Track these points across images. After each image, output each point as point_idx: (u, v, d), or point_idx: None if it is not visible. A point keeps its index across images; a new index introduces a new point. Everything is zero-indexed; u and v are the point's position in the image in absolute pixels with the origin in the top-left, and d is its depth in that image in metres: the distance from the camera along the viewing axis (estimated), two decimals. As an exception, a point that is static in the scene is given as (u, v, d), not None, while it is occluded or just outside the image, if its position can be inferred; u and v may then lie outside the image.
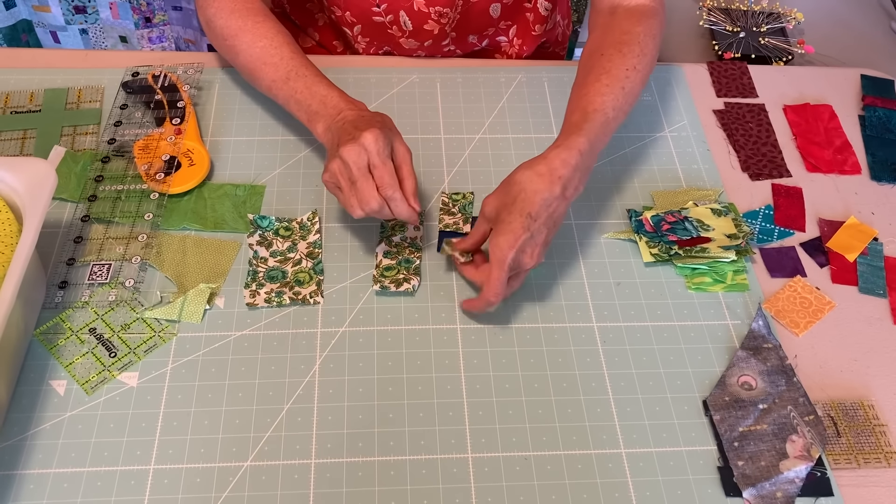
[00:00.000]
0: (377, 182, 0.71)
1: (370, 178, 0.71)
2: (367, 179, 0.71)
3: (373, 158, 0.71)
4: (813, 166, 0.92)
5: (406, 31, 0.97)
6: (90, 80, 0.93)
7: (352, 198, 0.72)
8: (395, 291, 0.77)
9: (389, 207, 0.72)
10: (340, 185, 0.73)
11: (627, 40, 0.83)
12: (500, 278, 0.71)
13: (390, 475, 0.66)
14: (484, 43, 1.03)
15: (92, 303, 0.74)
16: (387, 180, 0.71)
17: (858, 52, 1.19)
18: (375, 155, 0.71)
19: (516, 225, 0.71)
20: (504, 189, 0.73)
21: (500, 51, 1.06)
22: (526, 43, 1.05)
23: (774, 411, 0.71)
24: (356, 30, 0.98)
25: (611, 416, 0.71)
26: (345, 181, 0.72)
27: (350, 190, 0.72)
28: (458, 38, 1.00)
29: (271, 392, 0.70)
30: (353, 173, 0.71)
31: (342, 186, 0.73)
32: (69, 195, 0.82)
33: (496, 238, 0.71)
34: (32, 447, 0.66)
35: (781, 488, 0.67)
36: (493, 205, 0.74)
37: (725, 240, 0.82)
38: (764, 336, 0.76)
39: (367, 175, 0.71)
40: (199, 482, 0.65)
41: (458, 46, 1.01)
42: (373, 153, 0.71)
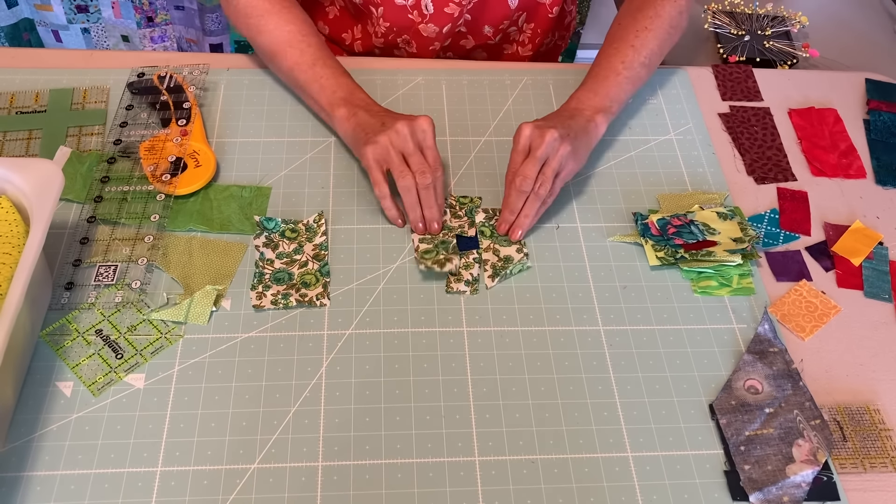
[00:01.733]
0: (431, 162, 0.78)
1: (422, 155, 0.78)
2: (420, 155, 0.78)
3: (428, 140, 0.78)
4: (818, 170, 0.93)
5: (427, 16, 0.98)
6: (95, 81, 0.93)
7: (405, 169, 0.77)
8: (440, 272, 0.78)
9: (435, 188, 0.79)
10: (389, 159, 0.78)
11: (644, 6, 0.92)
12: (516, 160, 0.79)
13: (397, 478, 0.66)
14: (497, 38, 1.03)
15: (98, 304, 0.74)
16: (438, 161, 0.78)
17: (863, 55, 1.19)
18: (431, 137, 0.77)
19: (541, 121, 0.81)
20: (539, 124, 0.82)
21: (511, 40, 1.06)
22: (540, 26, 1.06)
23: (781, 415, 0.71)
24: (379, 11, 0.99)
25: (617, 419, 0.71)
26: (396, 154, 0.77)
27: (401, 164, 0.77)
28: (473, 25, 1.01)
29: (278, 394, 0.70)
30: (409, 147, 0.77)
31: (392, 160, 0.78)
32: (75, 196, 0.82)
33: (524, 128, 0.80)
34: (39, 449, 0.66)
35: (788, 492, 0.67)
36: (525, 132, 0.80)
37: (731, 243, 0.82)
38: (770, 340, 0.76)
39: (419, 152, 0.78)
40: (206, 484, 0.65)
41: (471, 34, 1.02)
42: (429, 135, 0.78)
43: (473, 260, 0.80)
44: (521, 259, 0.80)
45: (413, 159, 0.77)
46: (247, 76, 0.95)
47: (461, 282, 0.78)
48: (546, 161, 0.79)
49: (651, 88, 0.99)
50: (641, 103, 0.97)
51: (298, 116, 0.92)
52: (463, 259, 0.80)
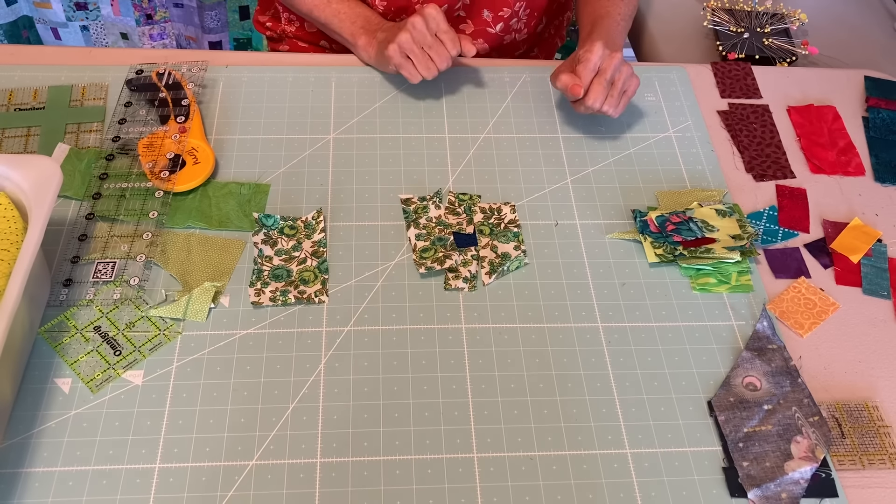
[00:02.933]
0: (449, 45, 0.87)
1: (438, 40, 0.87)
2: (438, 42, 0.87)
3: (442, 25, 0.87)
4: (817, 167, 0.93)
5: None
6: (94, 78, 0.93)
7: (427, 61, 0.88)
8: (440, 270, 0.78)
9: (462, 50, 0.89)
10: (411, 52, 0.87)
11: None
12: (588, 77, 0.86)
13: (396, 474, 0.66)
14: (498, 27, 1.03)
15: (97, 301, 0.74)
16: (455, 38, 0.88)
17: (862, 53, 1.19)
18: (444, 20, 0.87)
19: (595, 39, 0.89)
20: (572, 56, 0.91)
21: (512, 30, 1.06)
22: (536, 10, 1.07)
23: (779, 412, 0.71)
24: None
25: (616, 416, 0.71)
26: (417, 47, 0.87)
27: (422, 54, 0.87)
28: (472, 9, 1.02)
29: (276, 391, 0.70)
30: (426, 38, 0.87)
31: (414, 52, 0.87)
32: (73, 193, 0.82)
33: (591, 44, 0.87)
34: (37, 445, 0.66)
35: (786, 489, 0.67)
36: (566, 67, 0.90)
37: (730, 241, 0.82)
38: (768, 337, 0.76)
39: (436, 39, 0.87)
40: (204, 481, 0.65)
41: (471, 18, 1.02)
42: (441, 20, 0.87)
43: (472, 257, 0.80)
44: (518, 255, 0.80)
45: (434, 51, 0.87)
46: (245, 73, 0.95)
47: (459, 279, 0.78)
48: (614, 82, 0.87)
49: (650, 86, 0.99)
50: (640, 100, 0.97)
51: (297, 113, 0.92)
52: (461, 256, 0.80)
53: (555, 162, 0.90)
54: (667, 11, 1.28)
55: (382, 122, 0.92)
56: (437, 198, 0.85)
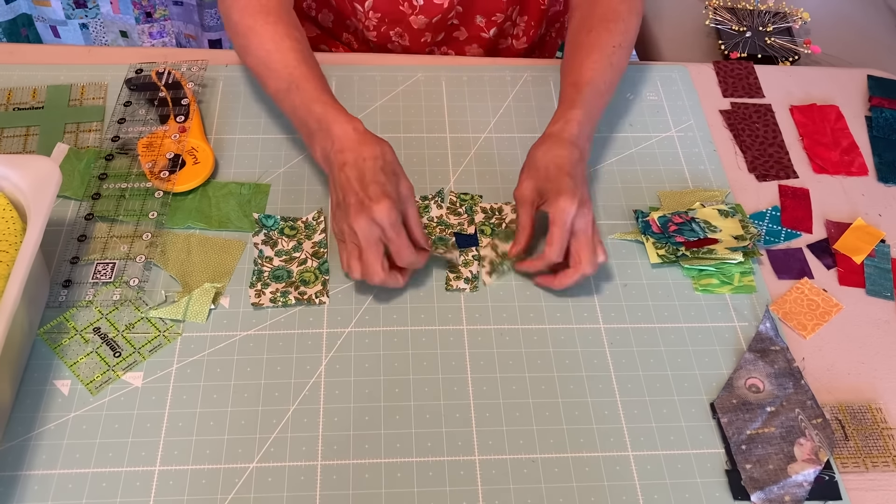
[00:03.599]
0: (394, 253, 0.72)
1: (379, 249, 0.71)
2: (375, 252, 0.71)
3: (388, 232, 0.71)
4: (820, 167, 0.92)
5: (417, 7, 0.97)
6: (93, 77, 0.93)
7: (354, 262, 0.72)
8: (440, 257, 0.78)
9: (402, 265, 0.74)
10: (346, 245, 0.73)
11: (613, 17, 0.88)
12: (564, 238, 0.73)
13: (397, 477, 0.66)
14: (492, 31, 1.03)
15: (96, 302, 0.74)
16: (404, 251, 0.72)
17: (865, 52, 1.19)
18: (389, 228, 0.71)
19: (564, 185, 0.74)
20: (530, 171, 0.78)
21: (506, 34, 1.06)
22: (533, 18, 1.05)
23: (782, 414, 0.71)
24: (367, 5, 0.98)
25: (618, 418, 0.70)
26: (350, 244, 0.73)
27: (354, 254, 0.72)
28: (465, 16, 1.00)
29: (277, 393, 0.70)
30: (360, 243, 0.71)
31: (347, 246, 0.73)
32: (73, 193, 0.82)
33: (556, 203, 0.73)
34: (37, 448, 0.66)
35: (789, 492, 0.66)
36: (529, 187, 0.77)
37: (732, 241, 0.82)
38: (771, 338, 0.76)
39: (375, 246, 0.71)
40: (204, 483, 0.65)
41: (464, 25, 1.01)
42: (386, 227, 0.70)
43: (473, 257, 0.79)
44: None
45: (364, 258, 0.72)
46: (245, 72, 0.95)
47: (461, 279, 0.78)
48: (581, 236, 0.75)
49: (652, 85, 0.99)
50: (642, 100, 0.97)
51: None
52: (462, 256, 0.79)
53: (556, 162, 0.89)
54: (669, 10, 1.27)
55: (383, 122, 0.92)
56: (439, 197, 0.84)
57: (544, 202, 0.76)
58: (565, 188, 0.74)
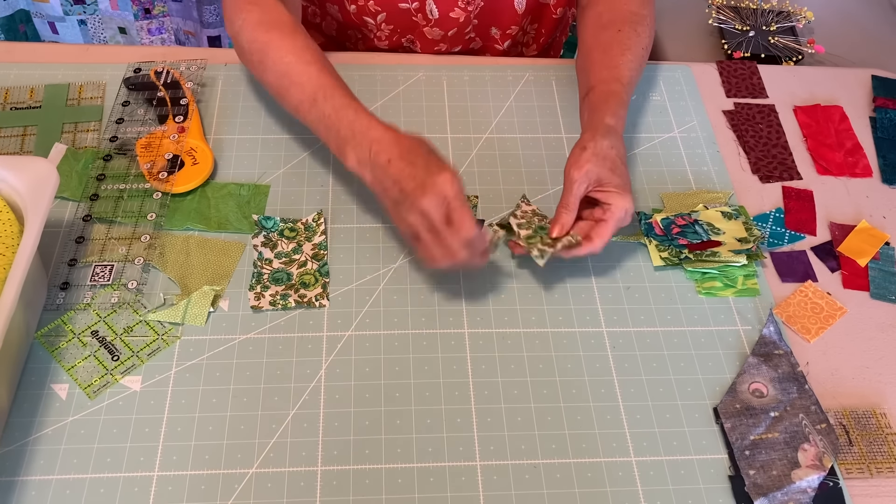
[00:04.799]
0: (456, 225, 0.69)
1: (451, 228, 0.69)
2: (451, 230, 0.69)
3: (453, 202, 0.69)
4: (824, 169, 0.91)
5: (431, 21, 0.96)
6: (91, 76, 0.92)
7: (436, 249, 0.70)
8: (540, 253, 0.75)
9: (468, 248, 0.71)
10: (420, 236, 0.71)
11: (639, 21, 0.89)
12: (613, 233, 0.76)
13: (398, 483, 0.65)
14: (506, 44, 1.02)
15: (94, 305, 0.73)
16: (465, 222, 0.69)
17: (869, 52, 1.18)
18: (455, 198, 0.69)
19: (627, 182, 0.77)
20: (596, 159, 0.76)
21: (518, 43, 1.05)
22: (544, 26, 1.04)
23: (786, 419, 0.70)
24: (380, 18, 0.97)
25: (620, 423, 0.70)
26: (425, 232, 0.70)
27: (434, 241, 0.70)
28: (481, 28, 1.00)
29: (276, 397, 0.69)
30: (434, 223, 0.69)
31: (422, 237, 0.71)
32: (70, 194, 0.81)
33: (621, 198, 0.75)
34: (34, 453, 0.65)
35: (793, 498, 0.66)
36: (593, 172, 0.75)
37: (736, 243, 0.81)
38: (775, 342, 0.75)
39: (447, 226, 0.69)
40: (203, 489, 0.64)
41: (480, 37, 1.00)
42: (452, 197, 0.69)
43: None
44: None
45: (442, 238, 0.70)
46: (245, 72, 0.94)
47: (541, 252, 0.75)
48: None
49: (655, 85, 0.98)
50: (645, 101, 0.96)
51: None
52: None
53: (559, 163, 0.88)
54: (672, 9, 1.26)
55: (384, 122, 0.91)
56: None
57: (599, 191, 0.76)
58: (628, 187, 0.76)
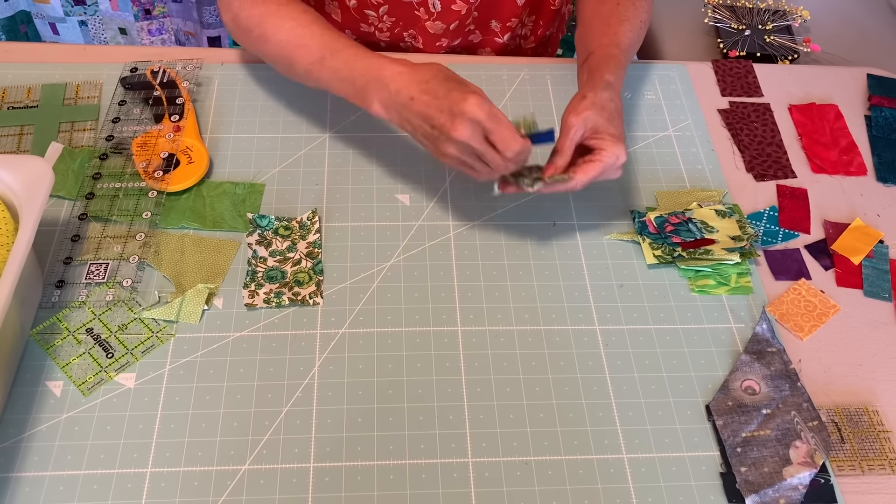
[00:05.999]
0: (501, 143, 0.71)
1: (491, 146, 0.71)
2: (491, 149, 0.71)
3: (487, 124, 0.70)
4: (818, 167, 0.91)
5: (434, 14, 0.96)
6: (88, 76, 0.92)
7: (483, 169, 0.73)
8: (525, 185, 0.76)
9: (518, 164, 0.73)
10: (467, 162, 0.73)
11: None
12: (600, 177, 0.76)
13: (390, 479, 0.65)
14: (506, 37, 1.02)
15: (89, 302, 0.74)
16: (510, 138, 0.71)
17: (865, 50, 1.18)
18: (487, 119, 0.70)
19: (622, 133, 0.77)
20: (595, 108, 0.76)
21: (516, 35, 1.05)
22: (542, 17, 1.05)
23: (778, 416, 0.70)
24: (382, 11, 0.97)
25: (613, 420, 0.70)
26: (470, 157, 0.73)
27: (479, 163, 0.73)
28: (481, 21, 1.00)
29: (270, 394, 0.70)
30: (475, 149, 0.71)
31: (469, 163, 0.73)
32: (66, 192, 0.81)
33: (614, 146, 0.75)
34: (28, 449, 0.65)
35: (785, 495, 0.66)
36: (590, 118, 0.76)
37: (729, 241, 0.81)
38: (768, 340, 0.75)
39: (487, 145, 0.71)
40: (196, 486, 0.64)
41: (479, 29, 1.01)
42: (484, 118, 0.70)
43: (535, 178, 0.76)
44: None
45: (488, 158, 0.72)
46: (241, 71, 0.94)
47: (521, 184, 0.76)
48: None
49: (650, 84, 0.98)
50: (640, 99, 0.96)
51: (293, 112, 0.91)
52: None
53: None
54: (667, 8, 1.27)
55: (379, 121, 0.91)
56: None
57: (594, 139, 0.76)
58: (623, 138, 0.77)
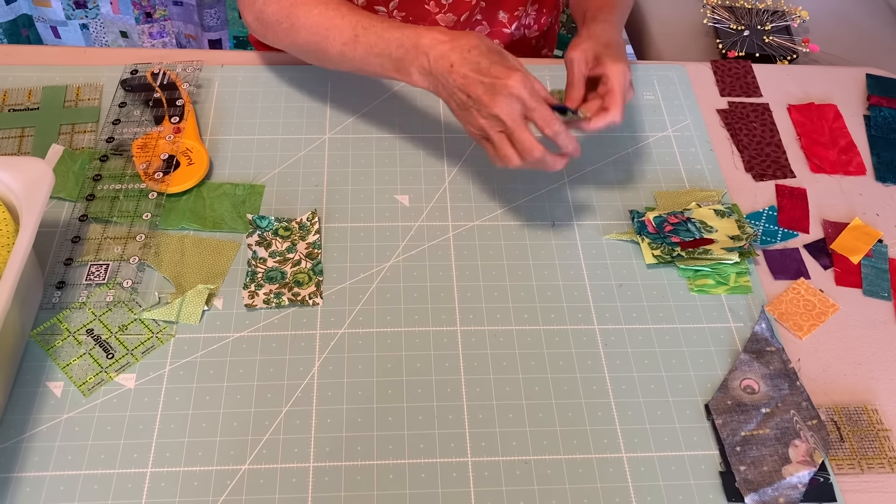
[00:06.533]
0: (542, 121, 0.70)
1: (526, 124, 0.70)
2: (524, 127, 0.70)
3: (528, 102, 0.69)
4: (817, 167, 0.92)
5: (445, 6, 0.97)
6: (89, 78, 0.93)
7: (507, 149, 0.71)
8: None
9: (557, 142, 0.72)
10: (490, 138, 0.72)
11: None
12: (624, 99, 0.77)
13: (389, 479, 0.66)
14: (513, 27, 1.03)
15: (89, 303, 0.74)
16: (551, 118, 0.70)
17: (864, 50, 1.18)
18: (529, 98, 0.69)
19: (622, 54, 0.78)
20: (590, 40, 0.79)
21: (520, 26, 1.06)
22: (545, 6, 1.06)
23: (777, 415, 0.70)
24: (392, 5, 0.97)
25: (612, 419, 0.70)
26: (496, 134, 0.71)
27: (504, 142, 0.71)
28: (489, 11, 1.00)
29: (270, 394, 0.70)
30: (507, 126, 0.70)
31: (493, 138, 0.72)
32: (67, 194, 0.82)
33: (616, 65, 0.76)
34: (29, 450, 0.66)
35: (784, 494, 0.66)
36: (589, 48, 0.78)
37: (728, 241, 0.81)
38: (767, 339, 0.75)
39: (522, 122, 0.70)
40: (196, 485, 0.64)
41: (486, 20, 1.01)
42: (526, 97, 0.69)
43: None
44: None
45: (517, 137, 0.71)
46: (241, 73, 0.95)
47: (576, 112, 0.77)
48: None
49: (649, 85, 0.98)
50: (639, 100, 0.96)
51: (293, 113, 0.91)
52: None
53: (552, 162, 0.89)
54: (666, 9, 1.27)
55: (378, 122, 0.91)
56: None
57: (598, 67, 0.78)
58: (624, 57, 0.78)
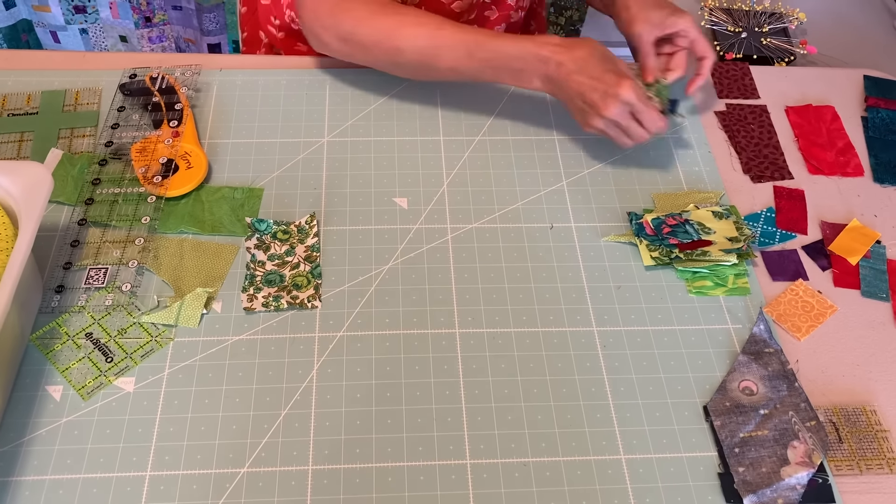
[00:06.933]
0: (648, 122, 0.83)
1: (635, 121, 0.83)
2: (635, 124, 0.83)
3: (637, 106, 0.82)
4: (815, 168, 0.92)
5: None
6: (88, 82, 0.93)
7: (623, 139, 0.85)
8: None
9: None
10: (609, 134, 0.84)
11: None
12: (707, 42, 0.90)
13: (388, 482, 0.66)
14: (521, 13, 1.03)
15: (89, 307, 0.74)
16: (657, 119, 0.83)
17: (861, 52, 1.18)
18: (638, 102, 0.81)
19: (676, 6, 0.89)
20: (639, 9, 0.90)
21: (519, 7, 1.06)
22: None
23: (776, 417, 0.70)
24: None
25: (610, 421, 0.70)
26: (613, 130, 0.84)
27: (619, 135, 0.84)
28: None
29: (268, 397, 0.70)
30: (621, 125, 0.83)
31: (609, 133, 0.84)
32: (66, 198, 0.82)
33: (682, 19, 0.89)
34: (28, 453, 0.66)
35: (783, 495, 0.66)
36: (652, 16, 0.89)
37: (727, 243, 0.81)
38: (765, 340, 0.75)
39: (633, 121, 0.83)
40: (195, 489, 0.64)
41: (495, 4, 1.01)
42: (635, 102, 0.81)
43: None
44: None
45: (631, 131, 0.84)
46: (239, 77, 0.95)
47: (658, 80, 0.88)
48: None
49: (647, 86, 0.98)
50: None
51: (291, 117, 0.91)
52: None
53: (550, 164, 0.89)
54: (665, 11, 1.27)
55: (377, 125, 0.92)
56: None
57: (666, 28, 0.89)
58: (678, 8, 0.89)
